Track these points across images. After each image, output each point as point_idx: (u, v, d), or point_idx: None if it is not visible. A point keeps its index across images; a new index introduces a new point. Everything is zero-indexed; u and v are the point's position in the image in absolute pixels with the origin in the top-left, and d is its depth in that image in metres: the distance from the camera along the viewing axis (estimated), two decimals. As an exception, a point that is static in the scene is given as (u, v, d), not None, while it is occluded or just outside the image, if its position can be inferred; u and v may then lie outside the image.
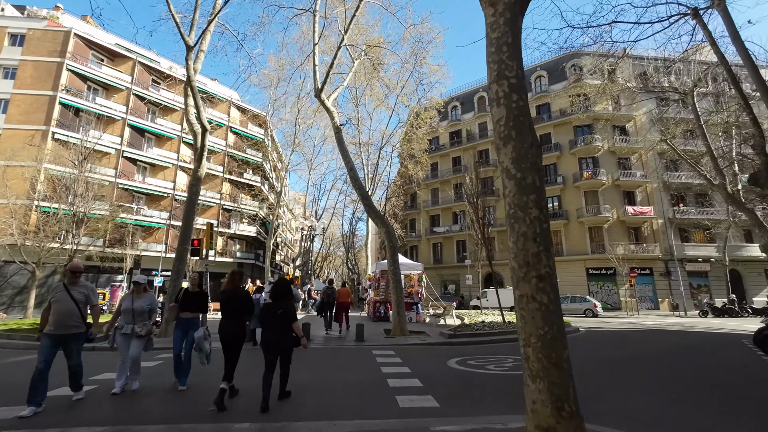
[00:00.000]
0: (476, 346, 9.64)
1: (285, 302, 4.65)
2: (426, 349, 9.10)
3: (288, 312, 4.59)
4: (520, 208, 3.12)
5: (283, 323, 4.54)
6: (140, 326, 5.29)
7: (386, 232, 11.37)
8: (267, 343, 4.56)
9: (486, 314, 17.05)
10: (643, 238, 31.21)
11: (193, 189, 11.21)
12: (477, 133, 39.67)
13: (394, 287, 11.06)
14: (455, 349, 9.18)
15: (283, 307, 4.59)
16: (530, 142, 3.30)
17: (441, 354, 8.36)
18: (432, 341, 9.97)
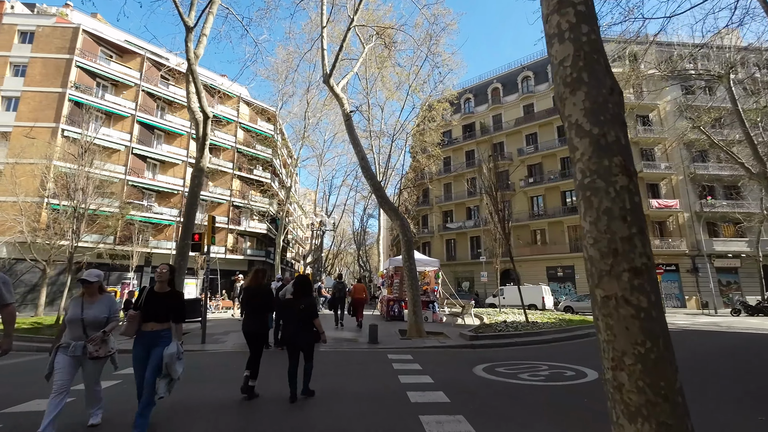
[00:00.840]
0: (501, 350, 8.76)
1: (307, 298, 4.75)
2: (446, 354, 8.26)
3: (309, 308, 4.69)
4: (599, 176, 2.25)
5: (304, 319, 4.64)
6: (95, 343, 3.56)
7: (401, 225, 10.54)
8: (289, 339, 4.70)
9: (506, 313, 16.12)
10: (668, 232, 29.74)
11: (196, 181, 10.56)
12: (491, 126, 38.44)
13: (409, 284, 10.24)
14: (479, 353, 8.32)
15: (305, 303, 4.68)
16: (609, 86, 2.42)
17: (464, 359, 7.51)
18: (452, 344, 9.12)
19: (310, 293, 4.88)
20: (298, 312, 4.64)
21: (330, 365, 6.66)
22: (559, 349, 8.96)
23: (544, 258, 32.57)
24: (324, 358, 7.29)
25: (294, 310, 4.68)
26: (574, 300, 25.25)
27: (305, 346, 4.70)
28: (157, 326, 3.72)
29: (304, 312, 4.64)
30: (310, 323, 4.68)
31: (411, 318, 10.00)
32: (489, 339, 9.54)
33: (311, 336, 4.70)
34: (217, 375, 6.32)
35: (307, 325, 4.67)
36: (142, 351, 3.70)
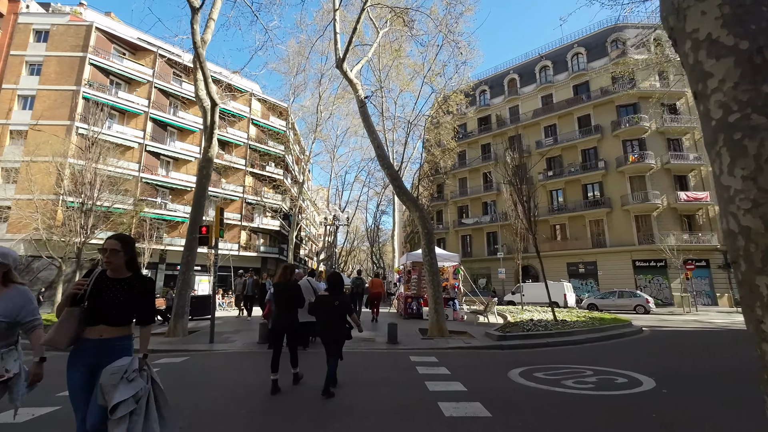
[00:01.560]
0: (534, 351, 8.01)
1: (341, 294, 4.91)
2: (474, 355, 7.54)
3: (344, 304, 4.83)
4: (756, 109, 1.49)
5: (338, 315, 4.75)
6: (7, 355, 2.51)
7: (420, 216, 9.83)
8: (326, 335, 4.78)
9: (530, 311, 15.27)
10: (698, 226, 28.26)
11: (204, 172, 10.04)
12: (507, 118, 37.28)
13: (430, 280, 9.53)
14: (509, 354, 7.58)
15: (340, 299, 4.80)
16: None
17: (495, 362, 6.79)
18: (478, 344, 8.40)
19: (343, 289, 5.06)
20: (332, 308, 4.74)
21: (347, 369, 6.02)
22: (598, 351, 8.15)
23: (565, 254, 31.42)
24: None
25: (329, 306, 4.78)
26: (598, 297, 24.17)
27: (337, 342, 4.80)
28: (109, 332, 2.38)
29: (339, 308, 4.76)
30: (344, 319, 4.82)
31: (432, 316, 9.30)
32: (518, 339, 8.78)
33: (344, 332, 4.84)
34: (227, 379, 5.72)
35: (342, 321, 4.81)
36: (83, 374, 2.33)
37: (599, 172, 30.68)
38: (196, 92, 10.60)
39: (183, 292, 9.15)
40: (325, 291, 5.16)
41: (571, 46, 34.24)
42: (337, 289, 4.92)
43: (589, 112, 32.16)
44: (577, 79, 33.40)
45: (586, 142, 31.72)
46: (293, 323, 5.03)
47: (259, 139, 38.47)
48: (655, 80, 30.61)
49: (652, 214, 28.52)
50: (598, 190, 31.02)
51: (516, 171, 12.82)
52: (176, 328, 8.97)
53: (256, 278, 12.88)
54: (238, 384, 5.21)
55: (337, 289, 4.91)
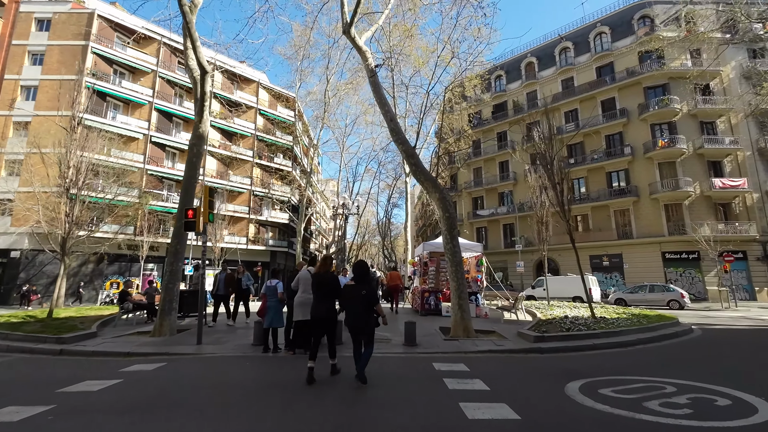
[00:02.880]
0: (581, 356, 6.66)
1: (368, 285, 4.86)
2: (511, 362, 6.22)
3: (371, 293, 4.77)
4: None
5: (364, 305, 4.69)
6: None
7: (440, 198, 8.50)
8: (350, 325, 4.74)
9: (558, 306, 13.85)
10: (734, 215, 26.25)
11: (194, 150, 8.88)
12: (525, 104, 35.43)
13: (452, 272, 8.21)
14: (553, 360, 6.26)
15: (367, 289, 4.76)
16: None
17: (541, 371, 5.47)
18: (512, 347, 7.07)
19: (369, 279, 5.06)
20: (359, 298, 4.71)
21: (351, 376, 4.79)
22: (658, 356, 6.77)
23: (587, 246, 29.64)
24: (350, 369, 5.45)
25: (355, 296, 4.75)
26: (626, 292, 22.50)
27: (366, 331, 4.73)
28: None
29: (366, 298, 4.71)
30: (371, 309, 4.75)
31: (456, 313, 8.00)
32: (558, 341, 7.43)
33: (372, 321, 4.77)
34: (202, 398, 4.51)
35: (369, 311, 4.74)
36: None
37: (625, 159, 28.78)
38: (185, 61, 9.41)
39: (170, 285, 8.05)
40: (351, 281, 5.09)
41: (594, 25, 32.17)
42: (364, 278, 4.89)
43: (614, 95, 30.17)
44: (601, 60, 31.38)
45: (611, 127, 29.79)
46: (331, 313, 4.99)
47: (266, 129, 37.46)
48: (687, 59, 28.46)
49: (683, 203, 26.58)
50: (624, 178, 29.14)
51: (547, 148, 11.35)
52: (162, 326, 7.87)
53: (230, 272, 10.42)
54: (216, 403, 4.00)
55: (364, 279, 4.89)
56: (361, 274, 4.94)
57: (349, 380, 4.76)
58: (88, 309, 13.32)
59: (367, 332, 4.72)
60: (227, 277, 10.04)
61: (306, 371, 4.73)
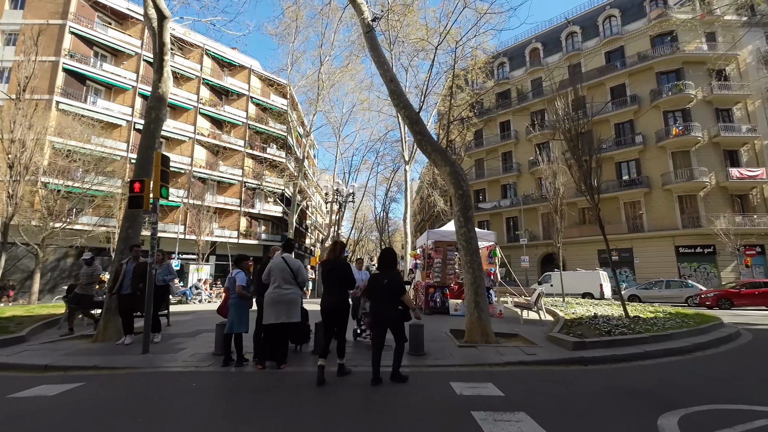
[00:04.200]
0: (638, 368, 5.18)
1: (391, 272, 4.51)
2: (555, 380, 4.69)
3: (393, 282, 4.40)
4: None
5: (387, 294, 4.35)
6: None
7: (451, 172, 6.95)
8: (373, 316, 4.52)
9: (579, 303, 12.40)
10: (751, 207, 24.86)
11: (152, 114, 7.30)
12: (530, 92, 33.86)
13: (467, 262, 6.67)
14: (608, 376, 4.77)
15: (389, 278, 4.41)
16: None
17: (603, 396, 3.95)
18: (546, 356, 5.55)
19: (395, 266, 4.69)
20: (381, 287, 4.38)
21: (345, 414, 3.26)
22: (735, 368, 5.31)
23: (596, 240, 28.16)
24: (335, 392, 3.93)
25: (378, 285, 4.42)
26: (641, 288, 21.10)
27: (393, 324, 4.36)
28: None
29: (389, 287, 4.35)
30: (395, 300, 4.35)
31: (472, 313, 6.47)
32: (602, 348, 5.93)
33: (399, 313, 4.36)
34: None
35: (394, 302, 4.36)
36: None
37: (636, 148, 27.31)
38: (144, 10, 7.79)
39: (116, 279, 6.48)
40: (376, 269, 4.85)
41: (603, 8, 30.60)
42: (388, 265, 4.57)
43: (624, 81, 28.65)
44: (610, 44, 29.82)
45: (621, 114, 28.28)
46: (342, 304, 4.55)
47: (258, 118, 35.71)
48: (702, 42, 26.96)
49: (698, 194, 25.16)
50: (635, 168, 27.69)
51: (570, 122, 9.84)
52: (107, 329, 6.33)
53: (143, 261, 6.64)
54: None
55: (388, 266, 4.56)
56: (385, 261, 4.57)
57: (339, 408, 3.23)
58: (43, 307, 11.73)
59: (392, 325, 4.34)
60: (137, 269, 6.48)
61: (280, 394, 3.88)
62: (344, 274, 4.58)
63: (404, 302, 4.37)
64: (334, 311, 4.48)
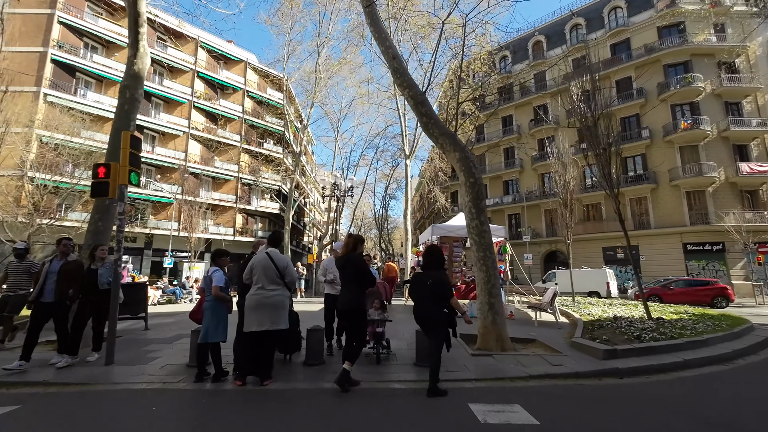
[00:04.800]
0: (683, 381, 4.46)
1: (438, 272, 4.11)
2: (593, 397, 3.94)
3: (439, 283, 3.98)
4: None
5: (430, 296, 3.98)
6: None
7: (461, 158, 6.19)
8: (416, 317, 4.12)
9: (592, 304, 11.67)
10: (761, 203, 24.17)
11: (126, 94, 6.51)
12: (532, 86, 33.10)
13: (480, 258, 5.92)
14: (651, 390, 4.06)
15: (434, 278, 4.02)
16: None
17: (663, 423, 3.21)
18: (575, 367, 4.80)
19: (442, 265, 4.25)
20: (425, 288, 4.01)
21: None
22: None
23: (600, 237, 27.56)
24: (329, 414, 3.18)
25: (422, 285, 4.05)
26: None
27: (436, 330, 3.95)
28: None
29: (435, 288, 3.95)
30: (440, 302, 3.96)
31: (486, 316, 5.71)
32: (637, 356, 5.21)
33: (442, 317, 3.95)
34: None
35: (439, 304, 3.96)
36: None
37: (642, 143, 26.57)
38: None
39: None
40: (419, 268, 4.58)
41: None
42: (433, 264, 4.14)
43: (630, 73, 27.88)
44: (616, 36, 29.05)
45: (627, 108, 27.52)
46: (356, 304, 4.08)
47: (255, 113, 34.87)
48: (711, 33, 26.21)
49: (707, 190, 24.46)
50: (641, 164, 26.97)
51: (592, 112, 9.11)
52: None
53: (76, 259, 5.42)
54: None
55: (431, 266, 4.14)
56: (431, 259, 4.20)
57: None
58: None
59: (435, 330, 3.94)
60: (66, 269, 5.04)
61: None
62: (357, 269, 4.15)
63: (452, 305, 3.97)
64: (344, 312, 4.18)
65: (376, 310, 5.20)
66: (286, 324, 4.06)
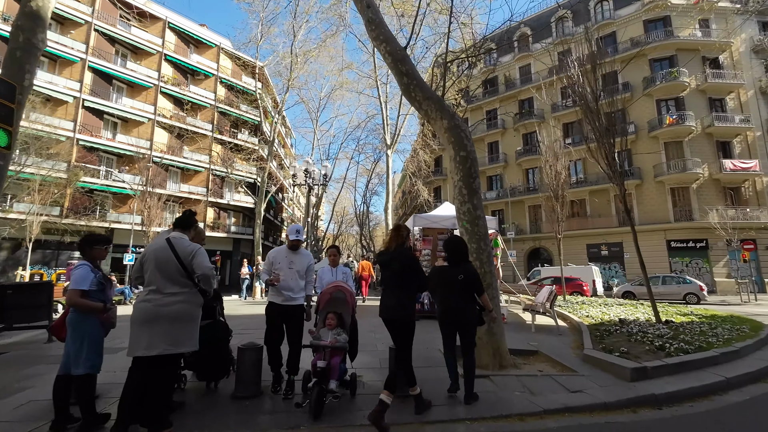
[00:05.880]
0: (738, 408, 3.38)
1: (465, 265, 3.72)
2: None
3: (472, 277, 3.64)
4: None
5: (463, 293, 3.62)
6: None
7: (450, 126, 4.96)
8: (443, 316, 3.77)
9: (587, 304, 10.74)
10: (743, 201, 24.05)
11: (20, 38, 5.00)
12: (517, 79, 32.37)
13: (472, 251, 4.70)
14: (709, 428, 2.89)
15: (465, 273, 3.63)
16: None
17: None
18: (600, 395, 3.63)
19: (467, 258, 3.85)
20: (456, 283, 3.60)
21: None
22: None
23: (585, 233, 27.03)
24: None
25: (450, 282, 3.64)
26: (636, 284, 19.85)
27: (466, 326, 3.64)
28: None
29: (464, 284, 3.59)
30: (473, 298, 3.64)
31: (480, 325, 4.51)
32: (669, 374, 4.11)
33: (474, 314, 3.64)
34: None
35: (470, 301, 3.64)
36: None
37: (628, 138, 26.06)
38: None
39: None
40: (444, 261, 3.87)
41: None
42: (461, 256, 3.73)
43: (616, 68, 27.30)
44: (602, 30, 28.50)
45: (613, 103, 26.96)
46: (402, 311, 3.36)
47: (229, 101, 32.88)
48: (696, 28, 25.94)
49: (691, 186, 24.18)
50: (626, 159, 26.44)
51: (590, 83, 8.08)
52: None
53: None
54: None
55: (461, 257, 3.72)
56: (458, 251, 3.73)
57: None
58: None
59: (465, 327, 3.61)
60: None
61: None
62: (405, 268, 3.42)
63: (482, 302, 3.66)
64: (390, 322, 3.42)
65: (331, 328, 3.58)
66: (194, 344, 2.73)
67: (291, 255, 4.02)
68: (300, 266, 3.98)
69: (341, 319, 3.66)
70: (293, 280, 3.88)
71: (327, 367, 3.24)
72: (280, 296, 3.86)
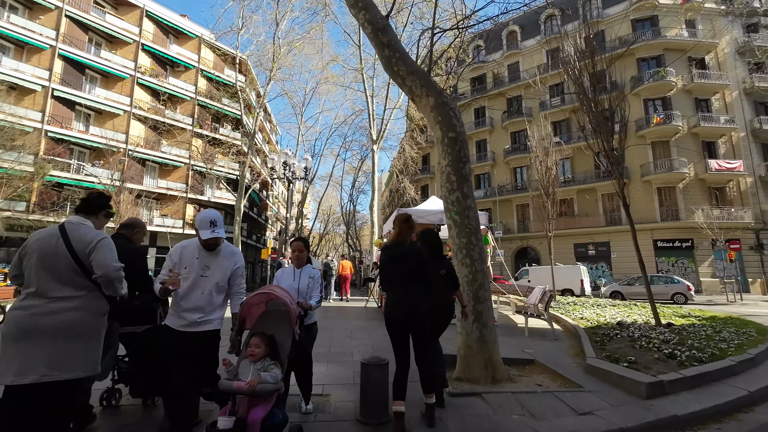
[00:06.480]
0: None
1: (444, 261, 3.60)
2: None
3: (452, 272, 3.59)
4: None
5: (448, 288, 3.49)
6: None
7: (437, 104, 4.33)
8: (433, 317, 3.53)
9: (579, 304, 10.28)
10: (728, 201, 24.16)
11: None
12: (506, 76, 32.08)
13: (462, 246, 4.07)
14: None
15: (446, 267, 3.55)
16: None
17: None
18: (616, 421, 3.05)
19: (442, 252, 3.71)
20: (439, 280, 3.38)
21: None
22: None
23: (572, 233, 26.85)
24: None
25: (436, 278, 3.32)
26: (623, 284, 19.67)
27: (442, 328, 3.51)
28: None
29: (449, 278, 3.50)
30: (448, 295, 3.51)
31: (470, 331, 3.90)
32: (688, 388, 3.57)
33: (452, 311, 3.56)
34: None
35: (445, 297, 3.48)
36: None
37: (615, 137, 25.97)
38: None
39: None
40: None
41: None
42: (437, 253, 3.54)
43: (604, 66, 27.23)
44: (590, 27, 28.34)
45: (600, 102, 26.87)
46: (420, 311, 2.91)
47: (210, 94, 31.72)
48: (682, 28, 26.00)
49: (677, 186, 24.17)
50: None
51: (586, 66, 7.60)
52: None
53: None
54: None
55: (438, 254, 3.54)
56: (433, 247, 3.48)
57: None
58: None
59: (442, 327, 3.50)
60: None
61: None
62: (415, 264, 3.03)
63: (457, 297, 3.55)
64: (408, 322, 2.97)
65: (255, 360, 2.35)
66: (93, 367, 2.01)
67: (206, 257, 2.65)
68: (220, 275, 2.65)
69: (273, 343, 2.44)
70: (205, 294, 2.57)
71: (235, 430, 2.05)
72: (180, 319, 2.53)
